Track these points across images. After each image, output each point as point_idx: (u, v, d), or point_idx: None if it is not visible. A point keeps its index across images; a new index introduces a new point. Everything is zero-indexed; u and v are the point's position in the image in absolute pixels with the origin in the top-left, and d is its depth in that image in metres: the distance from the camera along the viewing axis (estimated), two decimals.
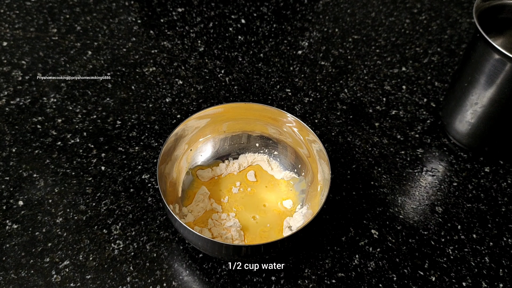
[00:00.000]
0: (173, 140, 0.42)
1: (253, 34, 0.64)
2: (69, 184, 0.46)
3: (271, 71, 0.59)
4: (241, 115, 0.46)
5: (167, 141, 0.41)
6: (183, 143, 0.44)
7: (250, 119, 0.46)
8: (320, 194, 0.41)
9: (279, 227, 0.42)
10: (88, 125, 0.51)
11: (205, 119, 0.44)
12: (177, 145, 0.43)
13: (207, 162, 0.46)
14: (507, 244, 0.44)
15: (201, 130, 0.45)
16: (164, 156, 0.41)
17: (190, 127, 0.44)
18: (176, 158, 0.44)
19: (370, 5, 0.70)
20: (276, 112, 0.44)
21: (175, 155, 0.43)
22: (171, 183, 0.43)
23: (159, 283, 0.39)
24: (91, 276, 0.39)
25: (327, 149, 0.40)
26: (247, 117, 0.46)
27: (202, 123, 0.44)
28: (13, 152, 0.48)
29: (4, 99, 0.53)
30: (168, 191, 0.41)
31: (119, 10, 0.66)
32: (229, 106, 0.45)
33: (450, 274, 0.41)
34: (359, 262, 0.42)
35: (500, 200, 0.47)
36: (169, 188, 0.42)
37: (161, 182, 0.39)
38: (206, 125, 0.45)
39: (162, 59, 0.59)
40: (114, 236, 0.42)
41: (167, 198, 0.40)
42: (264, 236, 0.42)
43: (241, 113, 0.45)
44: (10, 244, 0.41)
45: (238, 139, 0.47)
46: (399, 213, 0.45)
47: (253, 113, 0.45)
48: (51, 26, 0.62)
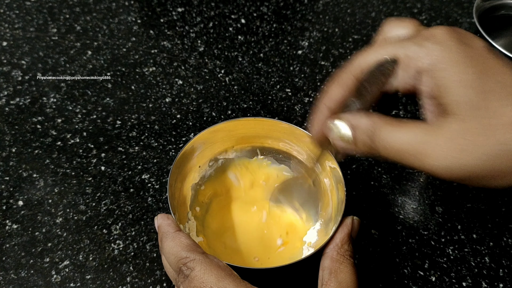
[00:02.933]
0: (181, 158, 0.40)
1: (253, 34, 0.64)
2: (69, 184, 0.46)
3: (271, 71, 0.59)
4: (251, 131, 0.43)
5: (176, 159, 0.39)
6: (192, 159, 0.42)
7: (262, 134, 0.43)
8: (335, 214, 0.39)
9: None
10: (88, 125, 0.51)
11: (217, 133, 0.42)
12: (186, 163, 0.41)
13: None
14: (507, 244, 0.44)
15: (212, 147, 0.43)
16: (173, 175, 0.38)
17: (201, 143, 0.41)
18: (184, 177, 0.41)
19: (370, 5, 0.70)
20: (289, 128, 0.41)
21: (183, 174, 0.41)
22: (178, 201, 0.40)
23: (159, 283, 0.39)
24: (91, 276, 0.39)
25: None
26: (257, 132, 0.43)
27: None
28: (13, 152, 0.48)
29: (4, 99, 0.53)
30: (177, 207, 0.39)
31: (119, 10, 0.66)
32: (239, 122, 0.42)
33: (450, 274, 0.41)
34: (359, 262, 0.42)
35: (500, 200, 0.47)
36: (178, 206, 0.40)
37: (173, 205, 0.37)
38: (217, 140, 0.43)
39: (162, 59, 0.59)
40: (114, 236, 0.42)
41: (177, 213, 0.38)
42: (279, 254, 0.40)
43: (251, 129, 0.43)
44: (10, 244, 0.41)
45: (248, 154, 0.45)
46: (399, 213, 0.45)
47: (263, 128, 0.43)
48: (51, 26, 0.62)
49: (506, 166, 0.24)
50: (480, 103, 0.24)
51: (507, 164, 0.23)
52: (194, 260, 0.29)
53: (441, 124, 0.25)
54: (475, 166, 0.24)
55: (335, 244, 0.33)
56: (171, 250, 0.31)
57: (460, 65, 0.25)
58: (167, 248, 0.31)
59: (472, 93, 0.24)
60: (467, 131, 0.24)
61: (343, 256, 0.32)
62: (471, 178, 0.25)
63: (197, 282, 0.28)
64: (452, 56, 0.25)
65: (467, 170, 0.24)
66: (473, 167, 0.24)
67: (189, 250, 0.30)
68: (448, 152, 0.24)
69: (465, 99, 0.24)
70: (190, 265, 0.29)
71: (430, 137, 0.25)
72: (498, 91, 0.24)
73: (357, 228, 0.34)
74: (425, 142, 0.25)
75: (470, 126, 0.24)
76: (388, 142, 0.26)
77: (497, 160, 0.23)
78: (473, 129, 0.24)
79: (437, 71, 0.26)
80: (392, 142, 0.26)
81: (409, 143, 0.26)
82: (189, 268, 0.29)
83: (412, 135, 0.26)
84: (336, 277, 0.31)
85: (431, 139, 0.25)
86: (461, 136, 0.24)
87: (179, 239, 0.31)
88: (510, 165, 0.23)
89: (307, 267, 0.36)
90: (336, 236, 0.33)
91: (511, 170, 0.24)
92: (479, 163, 0.24)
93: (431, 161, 0.25)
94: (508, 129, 0.23)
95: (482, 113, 0.24)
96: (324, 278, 0.31)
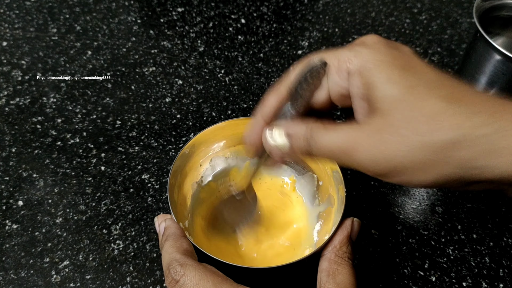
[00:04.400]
0: (182, 156, 0.40)
1: (253, 34, 0.64)
2: (69, 184, 0.46)
3: (271, 71, 0.59)
4: None
5: (177, 158, 0.39)
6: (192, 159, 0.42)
7: None
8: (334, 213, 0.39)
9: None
10: (88, 125, 0.51)
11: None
12: (187, 162, 0.41)
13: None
14: (507, 244, 0.44)
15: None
16: (174, 173, 0.38)
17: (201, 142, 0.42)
18: (185, 175, 0.41)
19: (370, 5, 0.70)
20: None
21: (184, 172, 0.41)
22: (178, 201, 0.40)
23: (159, 283, 0.39)
24: (91, 276, 0.39)
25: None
26: None
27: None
28: (13, 152, 0.48)
29: (4, 99, 0.53)
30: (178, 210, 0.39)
31: (119, 10, 0.66)
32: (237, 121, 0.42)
33: (450, 274, 0.41)
34: (359, 262, 0.42)
35: (500, 200, 0.47)
36: (179, 207, 0.40)
37: (173, 206, 0.37)
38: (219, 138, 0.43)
39: (162, 59, 0.59)
40: (114, 236, 0.42)
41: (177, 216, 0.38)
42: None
43: None
44: (10, 244, 0.41)
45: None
46: (399, 213, 0.45)
47: None
48: (51, 26, 0.62)
49: (426, 157, 0.24)
50: (401, 97, 0.25)
51: (427, 156, 0.24)
52: (185, 265, 0.29)
53: (368, 120, 0.26)
54: (398, 158, 0.24)
55: (333, 246, 0.33)
56: (168, 250, 0.31)
57: (386, 64, 0.26)
58: (165, 247, 0.31)
59: (396, 89, 0.25)
60: (390, 124, 0.25)
61: (341, 258, 0.32)
62: (396, 172, 0.25)
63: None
64: (379, 57, 0.27)
65: (391, 162, 0.25)
66: (396, 159, 0.24)
67: (183, 254, 0.30)
68: (373, 145, 0.25)
69: (390, 94, 0.25)
70: (179, 270, 0.29)
71: (357, 133, 0.26)
72: (421, 86, 0.25)
73: (358, 230, 0.34)
74: (353, 139, 0.26)
75: (393, 119, 0.25)
76: (322, 143, 0.27)
77: (417, 152, 0.24)
78: (396, 121, 0.25)
79: (365, 70, 0.27)
80: (325, 143, 0.27)
81: (340, 142, 0.26)
82: (177, 272, 0.29)
83: (343, 135, 0.27)
84: (334, 279, 0.31)
85: (358, 135, 0.26)
86: (385, 129, 0.25)
87: (181, 243, 0.31)
88: (429, 157, 0.24)
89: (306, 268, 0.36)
90: (335, 238, 0.33)
91: (431, 163, 0.24)
92: (401, 154, 0.24)
93: (358, 156, 0.26)
94: (427, 120, 0.24)
95: (404, 106, 0.25)
96: (322, 280, 0.31)
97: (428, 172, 0.24)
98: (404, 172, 0.25)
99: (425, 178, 0.25)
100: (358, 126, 0.26)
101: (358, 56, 0.27)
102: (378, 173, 0.26)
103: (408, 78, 0.25)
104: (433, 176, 0.24)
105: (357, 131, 0.26)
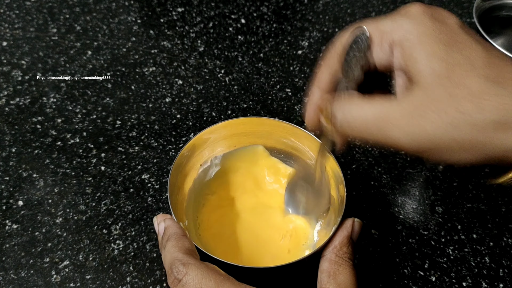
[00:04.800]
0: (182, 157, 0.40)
1: (253, 34, 0.64)
2: (69, 184, 0.46)
3: (271, 71, 0.59)
4: (252, 131, 0.43)
5: (176, 158, 0.39)
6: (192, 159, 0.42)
7: (263, 133, 0.43)
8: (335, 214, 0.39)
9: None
10: (88, 125, 0.51)
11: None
12: (187, 162, 0.41)
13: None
14: (507, 244, 0.44)
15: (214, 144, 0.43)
16: (174, 172, 0.38)
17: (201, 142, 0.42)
18: (185, 175, 0.42)
19: (370, 5, 0.70)
20: (291, 128, 0.42)
21: (184, 173, 0.41)
22: (178, 201, 0.40)
23: (159, 283, 0.39)
24: (91, 276, 0.39)
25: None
26: (258, 132, 0.43)
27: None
28: (12, 152, 0.48)
29: (4, 99, 0.53)
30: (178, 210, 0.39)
31: (119, 10, 0.66)
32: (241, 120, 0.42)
33: (450, 274, 0.41)
34: (359, 262, 0.42)
35: (500, 200, 0.47)
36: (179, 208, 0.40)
37: (174, 206, 0.37)
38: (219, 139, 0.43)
39: (162, 59, 0.59)
40: (114, 236, 0.42)
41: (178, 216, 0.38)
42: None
43: (251, 128, 0.43)
44: (10, 244, 0.41)
45: None
46: (399, 213, 0.45)
47: (266, 128, 0.43)
48: (51, 26, 0.62)
49: (464, 136, 0.23)
50: (444, 73, 0.24)
51: (464, 135, 0.23)
52: (188, 264, 0.29)
53: (406, 93, 0.25)
54: (438, 135, 0.24)
55: (334, 247, 0.33)
56: (170, 249, 0.31)
57: (429, 37, 0.25)
58: (167, 247, 0.31)
59: (438, 64, 0.24)
60: (430, 99, 0.24)
61: (341, 259, 0.32)
62: (435, 149, 0.25)
63: (194, 287, 0.28)
64: (422, 29, 0.26)
65: (429, 139, 0.24)
66: (436, 136, 0.24)
67: (186, 253, 0.30)
68: (411, 120, 0.24)
69: (431, 69, 0.25)
70: (181, 269, 0.29)
71: (394, 107, 0.25)
72: (464, 64, 0.24)
73: (358, 230, 0.34)
74: (389, 112, 0.25)
75: (433, 94, 0.24)
76: (352, 116, 0.27)
77: (456, 130, 0.23)
78: (436, 97, 0.24)
79: (407, 42, 0.26)
80: (357, 116, 0.26)
81: (373, 116, 0.26)
82: (180, 272, 0.29)
83: (377, 108, 0.26)
84: (335, 279, 0.31)
85: (394, 109, 0.25)
86: (426, 104, 0.24)
87: (183, 242, 0.31)
88: (467, 136, 0.23)
89: (306, 268, 0.36)
90: (336, 238, 0.33)
91: (475, 142, 0.23)
92: (440, 132, 0.24)
93: (394, 131, 0.25)
94: (468, 99, 0.23)
95: (445, 82, 0.24)
96: (323, 280, 0.31)
97: (470, 152, 0.24)
98: (443, 150, 0.24)
99: (466, 157, 0.24)
100: (395, 100, 0.26)
101: (400, 28, 0.27)
102: (415, 150, 0.25)
103: (450, 54, 0.25)
104: (475, 156, 0.24)
105: (394, 105, 0.25)
